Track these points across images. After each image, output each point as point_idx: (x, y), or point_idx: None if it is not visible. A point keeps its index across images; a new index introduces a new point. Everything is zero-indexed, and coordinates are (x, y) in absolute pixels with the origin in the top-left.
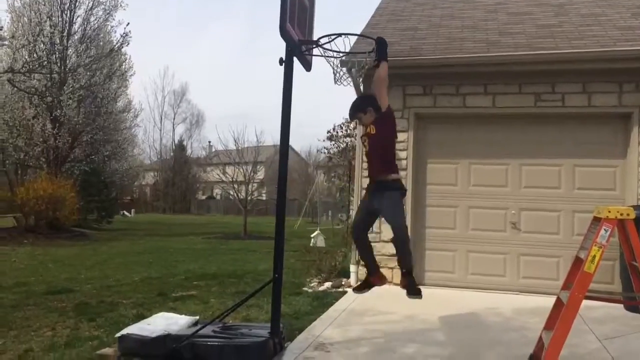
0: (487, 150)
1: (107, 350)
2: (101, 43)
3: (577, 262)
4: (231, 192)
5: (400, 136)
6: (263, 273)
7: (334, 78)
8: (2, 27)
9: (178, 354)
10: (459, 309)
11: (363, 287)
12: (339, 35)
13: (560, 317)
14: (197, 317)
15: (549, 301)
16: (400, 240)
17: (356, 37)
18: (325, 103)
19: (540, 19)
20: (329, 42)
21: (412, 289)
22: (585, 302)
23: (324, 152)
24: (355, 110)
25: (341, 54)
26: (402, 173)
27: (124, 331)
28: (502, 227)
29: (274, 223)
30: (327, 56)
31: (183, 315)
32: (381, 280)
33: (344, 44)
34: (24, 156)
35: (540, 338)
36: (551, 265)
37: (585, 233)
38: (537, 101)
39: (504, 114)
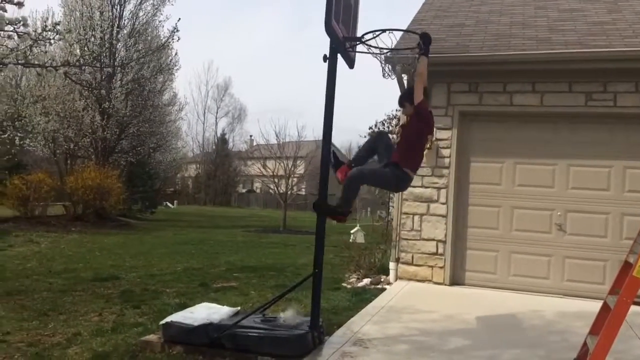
0: (534, 150)
1: (151, 337)
2: (149, 38)
3: (626, 267)
4: (271, 186)
5: (444, 134)
6: (302, 267)
7: (383, 73)
8: (59, 22)
9: (219, 342)
10: (499, 309)
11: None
12: (383, 31)
13: (606, 322)
14: (238, 308)
15: (594, 305)
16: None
17: (401, 33)
18: (367, 98)
19: (592, 16)
20: (373, 38)
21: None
22: (633, 308)
23: None
24: (398, 103)
25: (385, 51)
26: (444, 171)
27: (168, 319)
28: (547, 229)
29: (313, 218)
30: (371, 53)
31: (224, 306)
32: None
33: (390, 40)
34: (73, 146)
35: (585, 343)
36: (597, 269)
37: (636, 237)
38: (588, 100)
39: (553, 113)
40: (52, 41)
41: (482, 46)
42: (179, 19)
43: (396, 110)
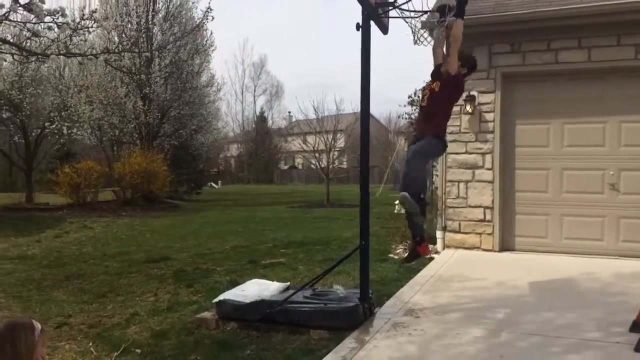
0: (582, 108)
1: (206, 314)
2: (184, 20)
3: None
4: (313, 161)
5: (487, 97)
6: (348, 240)
7: (414, 39)
8: (96, 9)
9: (271, 318)
10: (552, 274)
11: (412, 258)
12: None
13: None
14: (288, 284)
15: None
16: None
17: None
18: (405, 66)
19: None
20: (407, 2)
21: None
22: None
23: (405, 118)
24: (433, 74)
25: (419, 14)
26: (489, 136)
27: (221, 297)
28: (599, 189)
29: (356, 191)
30: (405, 17)
31: (274, 282)
32: (427, 250)
33: (423, 4)
34: (118, 133)
35: None
36: None
37: None
38: (638, 53)
39: (601, 69)
40: (90, 30)
41: (522, 3)
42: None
43: None
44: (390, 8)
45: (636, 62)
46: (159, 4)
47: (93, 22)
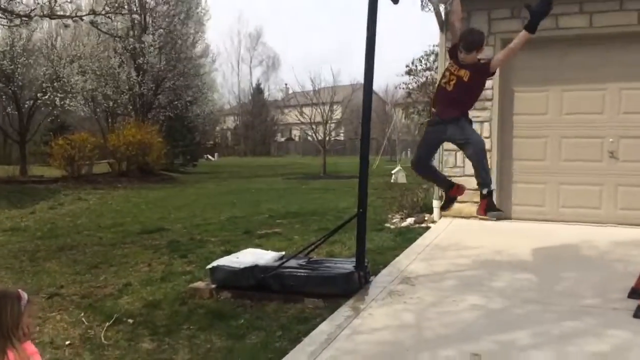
0: (582, 75)
1: (199, 284)
2: None
3: None
4: (309, 133)
5: None
6: (344, 211)
7: (422, 5)
8: None
9: (266, 284)
10: (549, 242)
11: (447, 205)
12: None
13: None
14: (283, 253)
15: None
16: (481, 156)
17: None
18: (402, 35)
19: None
20: None
21: (493, 206)
22: None
23: (403, 88)
24: (471, 46)
25: None
26: (487, 104)
27: (215, 263)
28: (598, 157)
29: (353, 163)
30: None
31: (269, 251)
32: (459, 189)
33: None
34: (112, 104)
35: None
36: None
37: None
38: None
39: (602, 34)
40: None
41: None
42: None
43: (433, 45)
44: None
45: (639, 28)
46: None
47: None
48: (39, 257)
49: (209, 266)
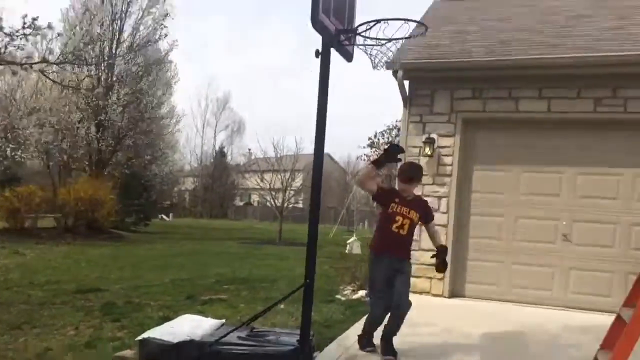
0: (540, 158)
1: (126, 353)
2: (149, 52)
3: None
4: (268, 199)
5: (446, 141)
6: (296, 279)
7: (372, 64)
8: (37, 17)
9: None
10: (501, 323)
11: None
12: (378, 21)
13: (622, 337)
14: (223, 321)
15: (599, 319)
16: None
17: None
18: (366, 109)
19: (602, 22)
20: (367, 30)
21: (390, 350)
22: None
23: (364, 159)
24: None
25: (382, 42)
26: (446, 179)
27: (145, 334)
28: (551, 239)
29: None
30: (367, 45)
31: (209, 318)
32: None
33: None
34: (67, 158)
35: (596, 358)
36: (604, 280)
37: None
38: (597, 106)
39: (560, 120)
40: (27, 37)
41: (486, 52)
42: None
43: (396, 121)
44: (352, 35)
45: (596, 115)
46: (124, 34)
47: (32, 29)
48: None
49: (138, 338)
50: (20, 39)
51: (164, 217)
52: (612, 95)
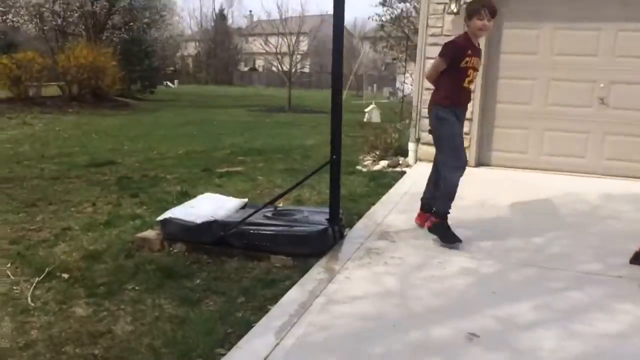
0: (577, 13)
1: (149, 233)
2: None
3: None
4: (274, 64)
5: None
6: (311, 149)
7: None
8: None
9: (226, 241)
10: (534, 193)
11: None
12: None
13: None
14: (246, 200)
15: (637, 187)
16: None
17: None
18: None
19: None
20: None
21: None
22: None
23: (375, 20)
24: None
25: None
26: None
27: (167, 214)
28: (587, 103)
29: (319, 97)
30: None
31: (230, 197)
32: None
33: None
34: (61, 22)
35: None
36: None
37: None
38: None
39: None
40: None
41: None
42: None
43: None
44: None
45: None
46: None
47: None
48: None
49: (160, 218)
50: None
51: (169, 84)
52: None
